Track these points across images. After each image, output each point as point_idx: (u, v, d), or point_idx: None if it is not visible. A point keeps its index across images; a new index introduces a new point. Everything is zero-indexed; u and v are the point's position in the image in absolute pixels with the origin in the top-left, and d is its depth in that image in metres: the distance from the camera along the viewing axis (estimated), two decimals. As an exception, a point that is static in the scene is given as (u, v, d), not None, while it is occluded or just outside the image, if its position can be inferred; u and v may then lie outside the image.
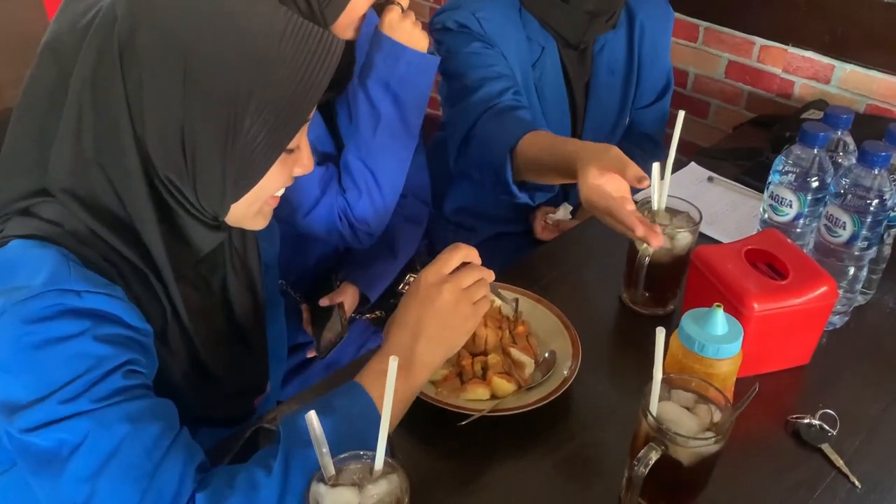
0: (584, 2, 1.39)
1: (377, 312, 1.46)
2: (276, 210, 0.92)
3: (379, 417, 0.72)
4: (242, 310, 0.98)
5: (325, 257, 1.45)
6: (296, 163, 0.87)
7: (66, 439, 0.71)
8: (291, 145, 0.82)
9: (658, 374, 0.77)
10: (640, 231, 1.01)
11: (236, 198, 0.82)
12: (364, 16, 1.15)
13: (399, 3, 1.17)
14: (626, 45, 1.54)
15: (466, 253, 0.90)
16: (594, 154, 1.10)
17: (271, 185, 0.85)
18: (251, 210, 0.86)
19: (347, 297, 1.39)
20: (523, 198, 1.34)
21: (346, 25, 1.14)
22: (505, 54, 1.41)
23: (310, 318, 1.37)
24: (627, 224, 1.02)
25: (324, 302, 1.36)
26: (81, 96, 0.76)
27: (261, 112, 0.76)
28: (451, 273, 0.88)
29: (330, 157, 1.29)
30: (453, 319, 0.87)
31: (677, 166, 1.15)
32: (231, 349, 0.97)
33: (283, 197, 0.91)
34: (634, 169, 1.05)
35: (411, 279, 1.49)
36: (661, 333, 0.78)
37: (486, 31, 1.39)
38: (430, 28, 1.45)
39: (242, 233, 0.97)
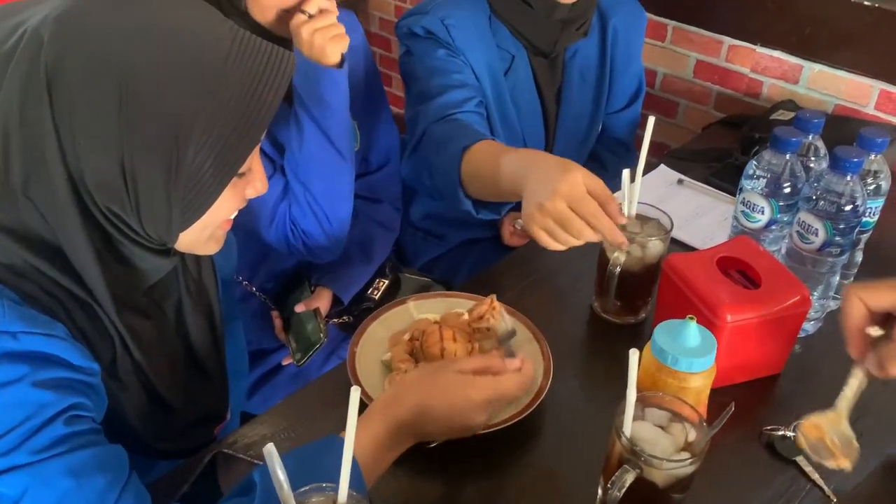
0: (556, 10, 1.36)
1: (346, 317, 1.43)
2: (240, 221, 0.88)
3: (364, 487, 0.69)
4: (199, 335, 0.94)
5: (299, 262, 1.42)
6: (248, 185, 0.82)
7: (5, 494, 0.67)
8: (242, 169, 0.78)
9: (632, 395, 0.75)
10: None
11: (185, 227, 0.78)
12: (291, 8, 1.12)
13: (305, 10, 1.11)
14: (598, 50, 1.52)
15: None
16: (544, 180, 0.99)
17: (222, 212, 0.80)
18: (202, 236, 0.82)
19: (323, 301, 1.36)
20: (483, 214, 1.26)
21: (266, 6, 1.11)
22: (472, 63, 1.38)
23: (283, 325, 1.33)
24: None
25: (300, 308, 1.33)
26: (8, 125, 0.71)
27: (207, 138, 0.72)
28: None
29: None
30: (468, 415, 0.85)
31: (647, 168, 1.13)
32: (188, 377, 0.93)
33: (246, 209, 0.87)
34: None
35: (380, 283, 1.46)
36: (634, 355, 0.75)
37: (454, 38, 1.36)
38: (396, 31, 1.41)
39: (197, 256, 0.93)
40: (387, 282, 1.43)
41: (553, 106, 1.51)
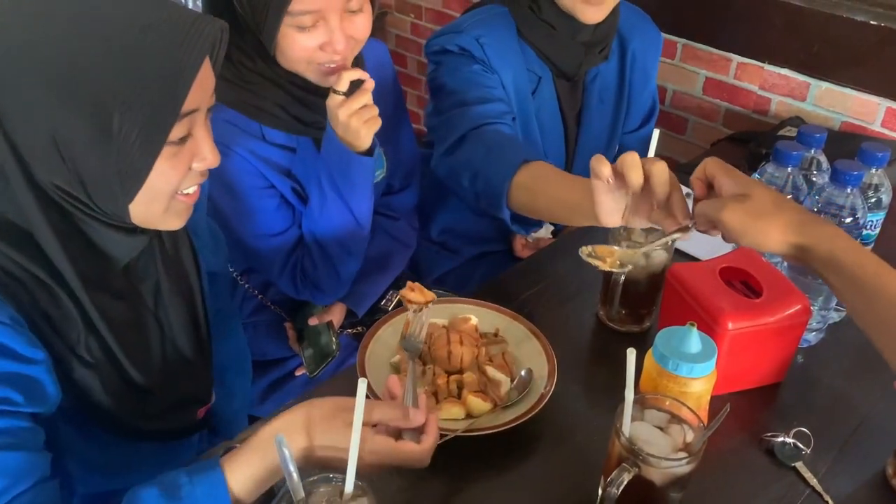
0: (579, 32, 1.38)
1: (359, 328, 1.45)
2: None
3: None
4: (177, 319, 0.94)
5: None
6: (193, 156, 0.82)
7: None
8: (175, 137, 0.77)
9: (630, 394, 0.77)
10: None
11: (129, 198, 0.78)
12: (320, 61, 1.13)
13: (337, 90, 1.12)
14: (617, 73, 1.54)
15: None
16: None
17: (165, 182, 0.79)
18: (155, 209, 0.81)
19: (336, 314, 1.39)
20: (515, 227, 1.28)
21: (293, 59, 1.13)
22: (504, 82, 1.39)
23: (296, 337, 1.36)
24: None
25: (313, 321, 1.36)
26: None
27: (129, 109, 0.72)
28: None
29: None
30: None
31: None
32: (167, 360, 0.93)
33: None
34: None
35: (393, 296, 1.49)
36: (631, 354, 0.78)
37: (489, 56, 1.37)
38: (427, 49, 1.43)
39: (174, 240, 0.95)
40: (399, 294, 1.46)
41: (573, 127, 1.54)
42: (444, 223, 1.62)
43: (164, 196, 0.81)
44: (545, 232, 1.60)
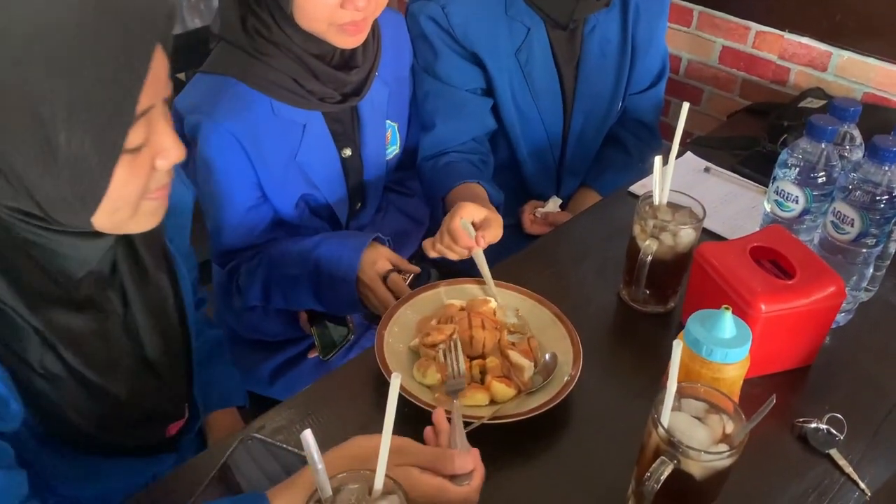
0: None
1: None
2: None
3: None
4: (148, 328, 0.88)
5: None
6: (155, 154, 0.73)
7: None
8: (134, 143, 0.69)
9: (672, 386, 0.74)
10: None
11: (90, 213, 0.71)
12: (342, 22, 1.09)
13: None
14: (619, 26, 1.49)
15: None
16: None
17: (129, 189, 0.72)
18: (121, 217, 0.74)
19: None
20: None
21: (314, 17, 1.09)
22: (477, 49, 1.37)
23: (307, 318, 1.32)
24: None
25: None
26: None
27: (76, 120, 0.64)
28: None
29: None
30: None
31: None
32: (133, 371, 0.87)
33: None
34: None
35: (406, 276, 1.44)
36: (677, 346, 0.74)
37: (454, 25, 1.35)
38: (409, 18, 1.39)
39: (144, 239, 0.87)
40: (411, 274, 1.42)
41: (571, 81, 1.49)
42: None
43: (129, 203, 0.73)
44: (553, 206, 1.56)
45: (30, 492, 0.75)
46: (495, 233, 1.13)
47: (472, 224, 1.12)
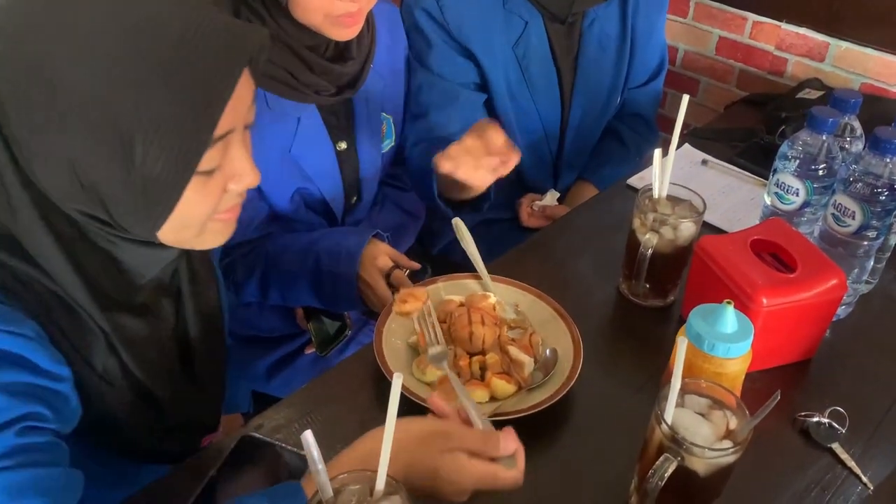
0: None
1: None
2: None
3: None
4: (197, 338, 0.89)
5: None
6: (229, 178, 0.74)
7: None
8: (208, 166, 0.70)
9: (677, 383, 0.73)
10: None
11: (157, 227, 0.72)
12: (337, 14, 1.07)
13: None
14: (618, 20, 1.48)
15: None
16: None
17: (198, 209, 0.72)
18: (187, 235, 0.75)
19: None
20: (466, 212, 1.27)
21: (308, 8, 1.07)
22: (471, 44, 1.36)
23: (304, 314, 1.31)
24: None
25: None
26: None
27: (153, 137, 0.64)
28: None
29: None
30: (445, 488, 0.74)
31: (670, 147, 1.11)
32: (179, 378, 0.89)
33: None
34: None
35: (404, 272, 1.44)
36: (682, 343, 0.73)
37: (448, 18, 1.33)
38: (403, 10, 1.38)
39: (201, 254, 0.89)
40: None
41: (569, 75, 1.48)
42: None
43: (196, 223, 0.74)
44: (551, 199, 1.56)
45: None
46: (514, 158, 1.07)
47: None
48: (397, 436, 0.71)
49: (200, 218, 0.74)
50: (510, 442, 0.76)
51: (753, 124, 1.60)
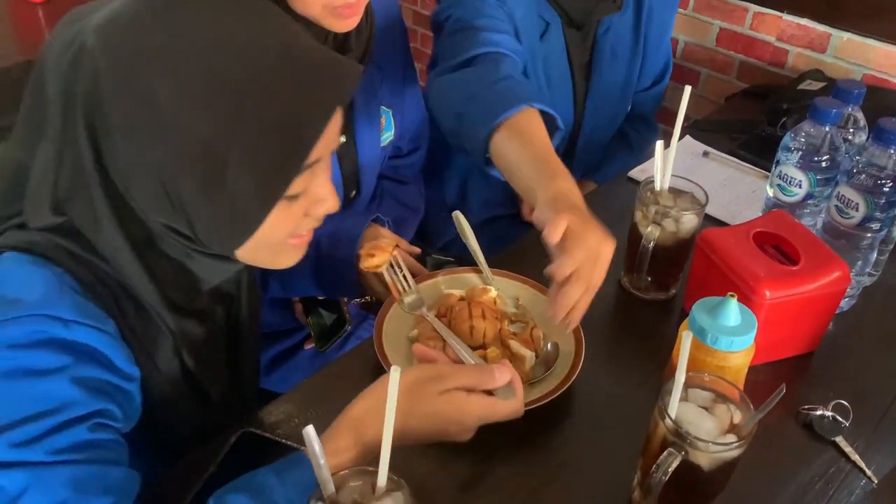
0: None
1: (367, 298, 1.40)
2: None
3: None
4: (246, 344, 0.93)
5: None
6: (311, 203, 0.75)
7: (4, 488, 0.63)
8: (294, 192, 0.71)
9: (681, 377, 0.72)
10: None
11: (237, 246, 0.73)
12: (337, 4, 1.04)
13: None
14: (632, 27, 1.46)
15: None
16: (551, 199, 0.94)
17: (278, 231, 0.74)
18: (263, 254, 0.77)
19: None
20: (494, 173, 1.14)
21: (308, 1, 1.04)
22: (515, 18, 1.31)
23: (303, 309, 1.30)
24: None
25: None
26: (54, 136, 0.69)
27: (246, 161, 0.66)
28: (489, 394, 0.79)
29: None
30: (449, 428, 0.77)
31: (670, 139, 1.10)
32: (228, 380, 0.92)
33: None
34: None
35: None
36: (687, 337, 0.72)
37: None
38: None
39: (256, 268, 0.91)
40: None
41: (582, 82, 1.47)
42: (458, 185, 1.56)
43: (273, 244, 0.76)
44: None
45: None
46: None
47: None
48: (371, 402, 0.74)
49: (278, 240, 0.76)
50: (505, 373, 0.78)
51: (754, 116, 1.59)
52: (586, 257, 0.87)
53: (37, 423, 0.64)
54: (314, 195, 0.75)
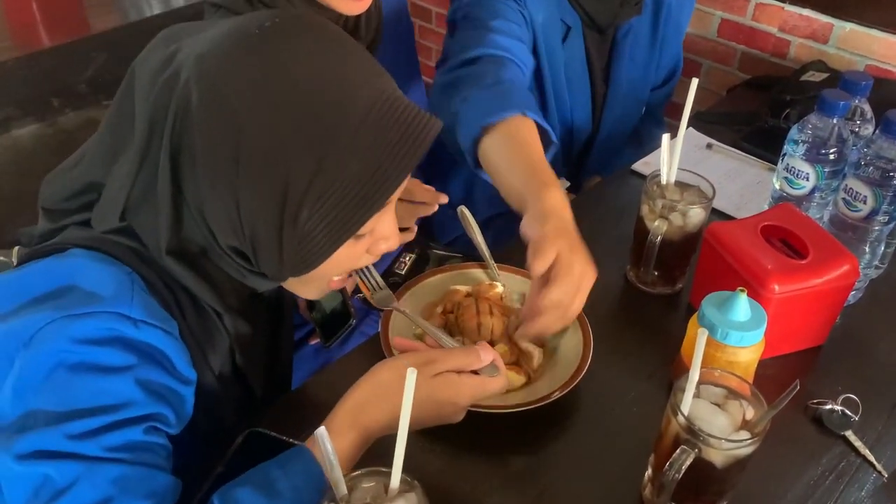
0: None
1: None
2: None
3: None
4: (284, 347, 0.96)
5: None
6: (373, 241, 0.77)
7: (50, 477, 0.64)
8: (363, 231, 0.73)
9: (695, 375, 0.72)
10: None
11: (295, 276, 0.74)
12: None
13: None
14: (650, 29, 1.45)
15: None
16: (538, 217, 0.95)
17: (335, 268, 0.76)
18: (311, 287, 0.80)
19: (349, 280, 1.32)
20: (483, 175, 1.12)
21: None
22: (534, 23, 1.29)
23: (306, 304, 1.29)
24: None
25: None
26: (136, 149, 0.70)
27: (321, 204, 0.67)
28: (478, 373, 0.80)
29: None
30: (444, 410, 0.78)
31: (675, 132, 1.09)
32: (268, 377, 0.94)
33: None
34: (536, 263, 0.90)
35: (407, 258, 1.42)
36: (703, 335, 0.72)
37: None
38: None
39: None
40: (413, 256, 1.39)
41: (601, 85, 1.46)
42: (463, 182, 1.55)
43: (325, 278, 0.78)
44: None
45: None
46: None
47: None
48: (383, 379, 0.76)
49: (331, 275, 0.78)
50: (489, 352, 0.81)
51: (757, 107, 1.58)
52: (568, 289, 0.88)
53: (95, 418, 0.65)
54: (379, 234, 0.76)
